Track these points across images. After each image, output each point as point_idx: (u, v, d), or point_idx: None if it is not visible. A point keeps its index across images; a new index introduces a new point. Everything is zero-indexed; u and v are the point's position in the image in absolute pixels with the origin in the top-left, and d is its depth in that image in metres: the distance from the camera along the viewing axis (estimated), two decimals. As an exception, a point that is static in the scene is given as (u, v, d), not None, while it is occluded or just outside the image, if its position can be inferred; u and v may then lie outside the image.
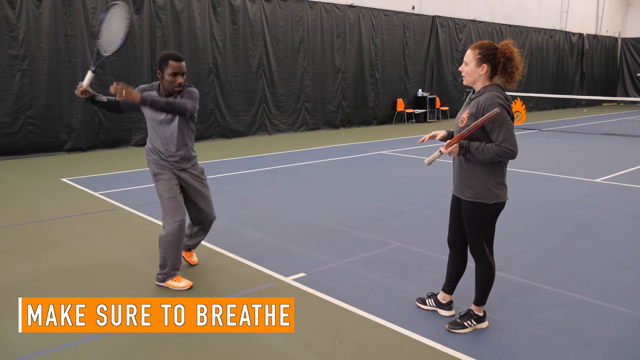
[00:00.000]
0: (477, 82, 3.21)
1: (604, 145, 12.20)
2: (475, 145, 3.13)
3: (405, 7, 17.17)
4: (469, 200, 3.26)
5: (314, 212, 6.28)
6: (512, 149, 3.07)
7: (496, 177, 3.21)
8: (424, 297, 3.76)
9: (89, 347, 3.23)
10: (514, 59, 3.14)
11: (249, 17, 13.31)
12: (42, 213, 6.27)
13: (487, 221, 3.28)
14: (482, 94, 3.17)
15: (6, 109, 10.06)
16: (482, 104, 3.11)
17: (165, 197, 4.00)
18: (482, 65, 3.15)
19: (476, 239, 3.31)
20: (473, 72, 3.18)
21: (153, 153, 4.11)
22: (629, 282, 4.22)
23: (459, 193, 3.34)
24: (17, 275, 4.37)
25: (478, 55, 3.15)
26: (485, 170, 3.19)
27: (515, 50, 3.15)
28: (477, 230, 3.29)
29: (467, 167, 3.23)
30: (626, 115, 20.51)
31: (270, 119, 14.01)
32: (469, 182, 3.24)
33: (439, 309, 3.65)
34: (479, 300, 3.41)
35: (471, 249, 3.37)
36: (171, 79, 3.87)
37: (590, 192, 7.38)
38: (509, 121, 3.11)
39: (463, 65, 3.25)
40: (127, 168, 9.08)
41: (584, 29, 25.29)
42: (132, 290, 4.06)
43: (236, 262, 4.65)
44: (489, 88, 3.17)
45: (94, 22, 10.91)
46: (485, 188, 3.20)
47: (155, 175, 4.08)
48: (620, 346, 3.24)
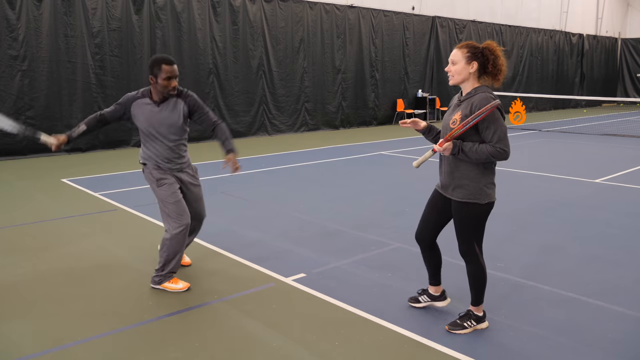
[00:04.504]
0: (466, 80, 3.20)
1: (603, 145, 12.20)
2: (468, 145, 3.13)
3: (405, 8, 17.18)
4: (461, 201, 3.25)
5: (314, 212, 6.28)
6: (506, 150, 3.10)
7: (488, 176, 3.24)
8: (415, 295, 3.77)
9: (88, 347, 3.23)
10: (500, 57, 3.17)
11: (249, 17, 13.31)
12: (42, 213, 6.27)
13: (480, 221, 3.28)
14: (473, 95, 3.16)
15: (6, 109, 10.05)
16: (476, 104, 3.10)
17: (170, 202, 3.98)
18: (472, 63, 3.15)
19: (467, 239, 3.31)
20: (463, 70, 3.17)
21: (150, 158, 4.08)
22: (629, 282, 4.22)
23: (448, 194, 3.32)
24: (17, 275, 4.37)
25: (467, 54, 3.16)
26: (478, 171, 3.20)
27: (499, 49, 3.19)
28: (469, 231, 3.29)
29: (460, 167, 3.23)
30: (626, 116, 20.51)
31: (270, 119, 14.01)
32: (461, 183, 3.23)
33: (434, 302, 3.69)
34: (476, 300, 3.42)
35: (462, 250, 3.36)
36: (165, 83, 3.85)
37: (590, 192, 7.38)
38: (502, 122, 3.13)
39: (450, 65, 3.23)
40: (127, 168, 9.08)
41: (584, 29, 25.30)
42: (132, 290, 4.06)
43: (236, 262, 4.65)
44: (481, 89, 3.17)
45: (94, 23, 10.93)
46: (477, 188, 3.21)
47: (158, 181, 4.02)
48: (620, 346, 3.24)
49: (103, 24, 11.05)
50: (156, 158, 4.05)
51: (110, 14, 11.13)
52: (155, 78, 3.86)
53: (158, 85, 3.88)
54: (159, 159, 4.05)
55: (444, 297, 3.70)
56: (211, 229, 5.60)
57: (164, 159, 4.05)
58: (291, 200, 6.93)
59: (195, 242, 5.15)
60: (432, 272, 3.65)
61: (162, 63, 3.83)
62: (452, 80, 3.24)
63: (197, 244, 5.12)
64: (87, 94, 10.98)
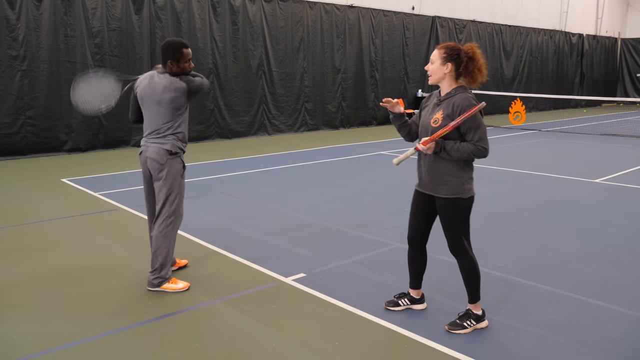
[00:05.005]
0: (442, 80, 3.31)
1: (603, 145, 12.20)
2: (450, 143, 3.24)
3: (405, 8, 17.18)
4: (445, 197, 3.32)
5: (314, 212, 6.28)
6: (487, 148, 3.22)
7: (468, 172, 3.34)
8: (393, 299, 3.77)
9: (88, 347, 3.23)
10: (477, 59, 3.26)
11: (249, 17, 13.31)
12: (41, 213, 6.27)
13: (465, 215, 3.37)
14: (454, 95, 3.27)
15: (6, 109, 10.06)
16: (458, 104, 3.21)
17: (183, 196, 4.06)
18: (446, 64, 3.26)
19: (456, 235, 3.36)
20: (438, 70, 3.29)
21: (183, 143, 4.07)
22: (629, 282, 4.22)
23: (431, 191, 3.39)
24: (16, 275, 4.37)
25: (443, 55, 3.26)
26: (459, 167, 3.29)
27: (478, 52, 3.28)
28: (456, 226, 3.35)
29: (441, 165, 3.31)
30: (626, 116, 20.52)
31: (270, 119, 14.01)
32: (444, 180, 3.31)
33: (413, 305, 3.73)
34: (472, 297, 3.45)
35: (452, 247, 3.41)
36: (186, 65, 3.95)
37: (590, 192, 7.38)
38: (483, 122, 3.27)
39: (429, 64, 3.36)
40: (127, 168, 9.08)
41: (584, 29, 25.30)
42: (133, 291, 4.06)
43: (236, 262, 4.65)
44: (460, 90, 3.28)
45: (94, 23, 10.92)
46: (459, 184, 3.30)
47: (184, 173, 4.06)
48: (620, 346, 3.24)
49: (103, 24, 11.05)
50: (185, 140, 4.09)
51: (110, 14, 11.13)
52: (176, 62, 3.92)
53: (178, 69, 3.93)
54: (186, 139, 4.10)
55: (422, 300, 3.75)
56: (211, 229, 5.60)
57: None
58: (291, 200, 6.93)
59: (195, 242, 5.15)
60: (416, 274, 3.69)
61: (182, 47, 3.93)
62: (430, 79, 3.38)
63: (196, 244, 5.12)
64: (87, 94, 10.96)
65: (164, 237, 3.99)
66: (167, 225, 4.00)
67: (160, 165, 3.95)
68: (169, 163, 3.95)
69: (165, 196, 3.97)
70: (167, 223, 4.00)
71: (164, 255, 4.00)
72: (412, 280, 3.71)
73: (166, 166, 3.94)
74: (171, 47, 3.91)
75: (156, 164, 3.96)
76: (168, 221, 4.00)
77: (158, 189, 4.00)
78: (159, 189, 3.99)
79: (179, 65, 3.92)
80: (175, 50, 3.90)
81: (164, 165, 3.94)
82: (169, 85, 3.89)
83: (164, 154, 3.94)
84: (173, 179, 3.97)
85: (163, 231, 3.99)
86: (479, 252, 4.86)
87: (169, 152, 3.95)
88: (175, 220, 4.03)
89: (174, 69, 3.93)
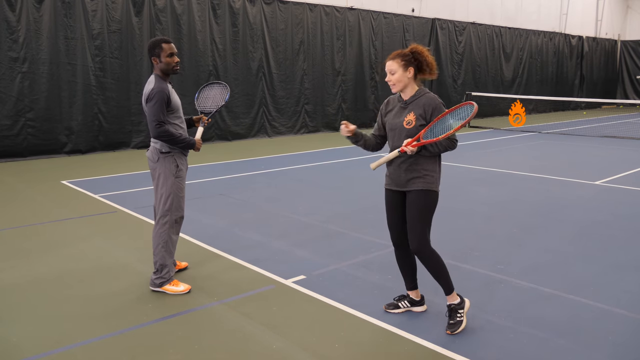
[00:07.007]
0: (407, 86, 3.47)
1: (603, 147, 12.20)
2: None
3: (405, 10, 17.20)
4: (420, 190, 3.42)
5: (314, 214, 6.28)
6: (457, 140, 3.42)
7: (439, 166, 3.51)
8: (393, 302, 3.78)
9: (88, 349, 3.23)
10: (424, 53, 3.44)
11: (249, 19, 13.33)
12: (41, 215, 6.27)
13: (434, 207, 3.48)
14: (419, 97, 3.45)
15: (6, 111, 10.07)
16: (429, 104, 3.40)
17: (180, 195, 4.07)
18: (408, 69, 3.43)
19: (422, 230, 3.43)
20: (402, 77, 3.44)
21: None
22: (629, 284, 4.22)
23: (404, 187, 3.48)
24: (16, 277, 4.36)
25: (402, 62, 3.43)
26: (434, 162, 3.47)
27: (420, 47, 3.47)
28: (425, 218, 3.43)
29: (419, 161, 3.43)
30: (626, 118, 20.52)
31: (270, 121, 14.02)
32: (420, 174, 3.44)
33: (413, 307, 3.74)
34: (448, 288, 3.51)
35: (418, 242, 3.44)
36: (169, 59, 3.97)
37: (590, 194, 7.38)
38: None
39: (389, 75, 3.48)
40: (126, 170, 9.08)
41: (584, 31, 25.33)
42: (132, 293, 4.05)
43: (236, 264, 4.65)
44: (423, 91, 3.48)
45: (94, 25, 10.94)
46: (435, 178, 3.46)
47: (178, 171, 4.06)
48: (621, 348, 3.23)
49: (103, 26, 11.06)
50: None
51: (110, 16, 11.14)
52: (158, 58, 3.96)
53: (161, 64, 3.97)
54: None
55: (423, 302, 3.76)
56: (211, 231, 5.60)
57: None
58: (291, 202, 6.93)
59: (195, 245, 5.15)
60: (409, 274, 3.71)
61: (162, 42, 3.98)
62: (394, 88, 3.50)
63: (197, 246, 5.12)
64: (87, 96, 10.98)
65: (157, 236, 4.03)
66: (162, 224, 4.04)
67: (153, 164, 4.06)
68: (160, 162, 4.02)
69: (159, 196, 4.05)
70: (162, 222, 4.03)
71: (160, 255, 4.02)
72: (406, 281, 3.74)
73: (158, 165, 4.03)
74: (152, 45, 3.99)
75: (150, 162, 4.09)
76: (163, 220, 4.03)
77: (154, 189, 4.11)
78: (154, 188, 4.10)
79: (161, 59, 3.96)
80: (155, 46, 3.97)
81: (156, 164, 4.04)
82: (146, 92, 3.99)
83: (155, 152, 4.03)
84: (165, 178, 4.02)
85: (158, 231, 4.04)
86: (478, 253, 4.87)
87: (159, 151, 4.02)
88: (169, 220, 4.03)
89: (159, 64, 3.99)
